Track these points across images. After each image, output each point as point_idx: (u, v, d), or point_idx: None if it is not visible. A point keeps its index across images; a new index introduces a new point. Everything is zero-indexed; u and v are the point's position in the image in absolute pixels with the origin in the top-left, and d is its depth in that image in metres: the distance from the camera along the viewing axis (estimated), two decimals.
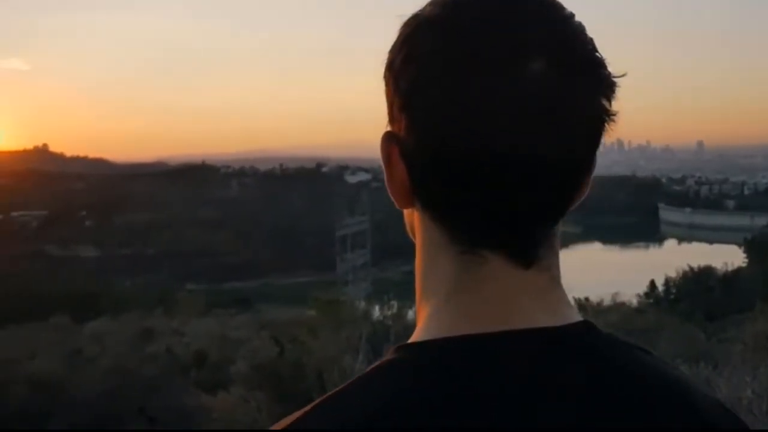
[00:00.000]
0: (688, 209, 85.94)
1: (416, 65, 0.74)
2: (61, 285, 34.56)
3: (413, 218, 0.80)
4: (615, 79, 0.76)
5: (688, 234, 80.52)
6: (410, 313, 12.25)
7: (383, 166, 0.78)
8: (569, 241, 69.64)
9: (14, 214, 66.56)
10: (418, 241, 0.80)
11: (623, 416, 0.72)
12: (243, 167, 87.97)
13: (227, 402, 8.48)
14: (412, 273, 0.81)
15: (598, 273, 45.64)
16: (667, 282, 37.74)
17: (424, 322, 0.77)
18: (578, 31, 0.75)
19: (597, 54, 0.75)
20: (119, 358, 12.28)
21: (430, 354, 0.72)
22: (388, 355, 0.74)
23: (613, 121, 0.76)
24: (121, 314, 20.38)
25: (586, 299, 17.39)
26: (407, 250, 0.83)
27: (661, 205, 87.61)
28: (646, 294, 35.49)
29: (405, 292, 18.45)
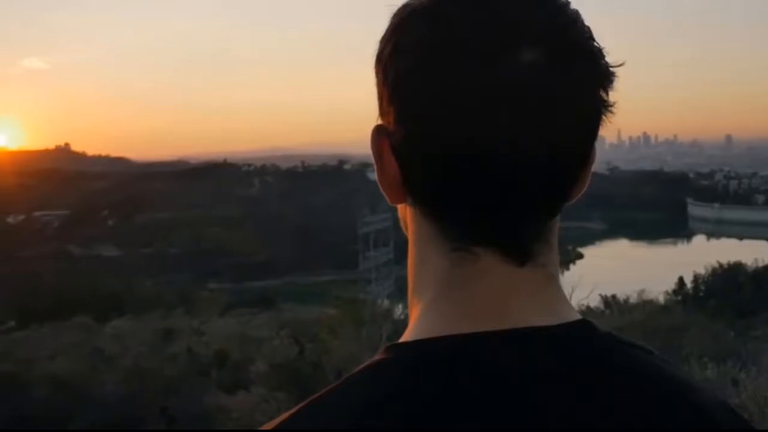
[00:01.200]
0: (716, 204, 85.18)
1: (404, 56, 0.72)
2: (83, 285, 34.82)
3: (406, 214, 0.79)
4: (612, 70, 0.74)
5: (716, 230, 79.81)
6: None
7: (374, 161, 0.77)
8: (595, 237, 69.39)
9: (36, 213, 67.15)
10: (410, 238, 0.79)
11: (621, 416, 0.70)
12: (264, 165, 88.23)
13: (247, 402, 8.52)
14: None
15: (625, 270, 45.39)
16: (696, 279, 37.40)
17: (415, 321, 0.75)
18: (573, 19, 0.73)
19: (594, 43, 0.73)
20: (140, 358, 12.36)
21: (419, 354, 0.71)
22: (378, 355, 0.72)
23: (611, 112, 0.74)
24: (143, 314, 20.51)
25: (613, 297, 17.28)
26: None
27: (689, 201, 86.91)
28: (675, 291, 35.21)
29: None
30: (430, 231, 0.75)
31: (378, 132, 0.75)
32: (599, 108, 0.73)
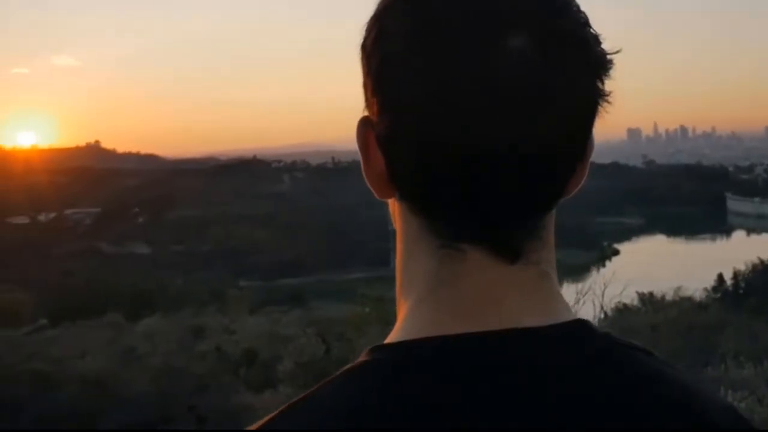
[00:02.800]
0: (757, 199, 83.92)
1: (387, 44, 0.70)
2: (114, 283, 35.17)
3: (395, 209, 0.77)
4: (609, 57, 0.71)
5: (757, 225, 78.65)
6: None
7: (360, 154, 0.75)
8: (631, 233, 68.81)
9: (68, 212, 67.86)
10: (398, 234, 0.77)
11: (615, 419, 0.68)
12: (294, 161, 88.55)
13: (274, 401, 8.57)
14: None
15: (662, 267, 44.96)
16: (736, 276, 36.94)
17: (402, 321, 0.74)
18: (566, 4, 0.71)
19: (588, 29, 0.71)
20: (170, 357, 12.49)
21: (404, 356, 0.69)
22: (362, 356, 0.71)
23: (608, 102, 0.72)
24: (174, 312, 20.69)
25: (650, 294, 17.15)
26: None
27: (728, 195, 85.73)
28: (714, 288, 34.83)
29: None
30: (417, 227, 0.73)
31: (363, 124, 0.74)
32: (593, 98, 0.71)
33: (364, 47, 0.73)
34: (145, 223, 69.20)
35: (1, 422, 10.83)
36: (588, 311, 8.48)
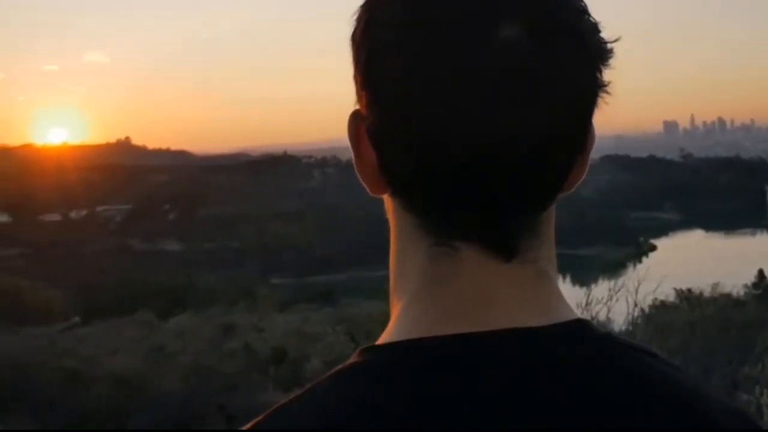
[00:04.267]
0: None
1: (375, 35, 0.69)
2: (145, 280, 35.48)
3: (388, 205, 0.76)
4: (608, 46, 0.70)
5: None
6: None
7: (351, 149, 0.74)
8: (669, 228, 68.16)
9: (99, 209, 68.49)
10: (392, 231, 0.75)
11: (613, 421, 0.66)
12: (325, 157, 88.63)
13: None
14: None
15: (701, 262, 44.50)
16: None
17: (394, 321, 0.73)
18: None
19: (586, 17, 0.69)
20: (199, 355, 12.60)
21: (395, 358, 0.68)
22: (352, 357, 0.70)
23: (607, 93, 0.70)
24: (205, 309, 20.84)
25: (688, 290, 17.00)
26: None
27: None
28: (754, 284, 34.44)
29: None
30: (410, 224, 0.72)
31: (354, 118, 0.73)
32: (591, 89, 0.69)
33: (354, 38, 0.71)
34: (175, 220, 69.69)
35: (33, 420, 10.99)
36: (621, 308, 8.41)
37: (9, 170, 69.18)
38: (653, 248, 59.46)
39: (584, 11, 0.69)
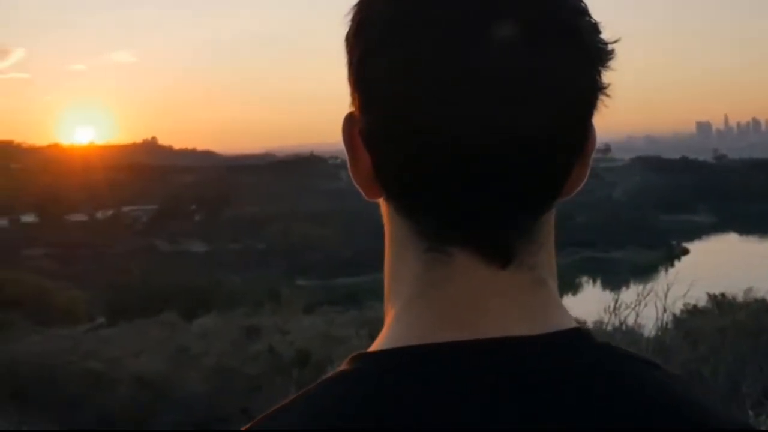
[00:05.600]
0: None
1: (367, 35, 0.68)
2: (171, 281, 35.68)
3: (384, 210, 0.75)
4: (608, 47, 0.68)
5: None
6: None
7: (346, 152, 0.73)
8: (702, 232, 67.55)
9: (125, 209, 68.99)
10: (386, 236, 0.75)
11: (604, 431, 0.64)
12: None
13: None
14: None
15: (735, 267, 44.05)
16: None
17: (387, 328, 0.72)
18: None
19: (584, 17, 0.68)
20: (223, 357, 12.66)
21: (385, 366, 0.67)
22: (343, 364, 0.69)
23: (606, 95, 0.69)
24: (230, 311, 20.93)
25: (722, 295, 16.87)
26: None
27: None
28: None
29: None
30: (404, 229, 0.71)
31: (349, 120, 0.72)
32: (590, 90, 0.68)
33: (347, 38, 0.70)
34: (201, 221, 70.07)
35: (57, 420, 11.10)
36: (651, 313, 8.36)
37: (36, 170, 69.90)
38: (686, 252, 58.93)
39: (584, 11, 0.68)
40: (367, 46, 0.67)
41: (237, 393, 10.99)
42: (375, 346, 0.71)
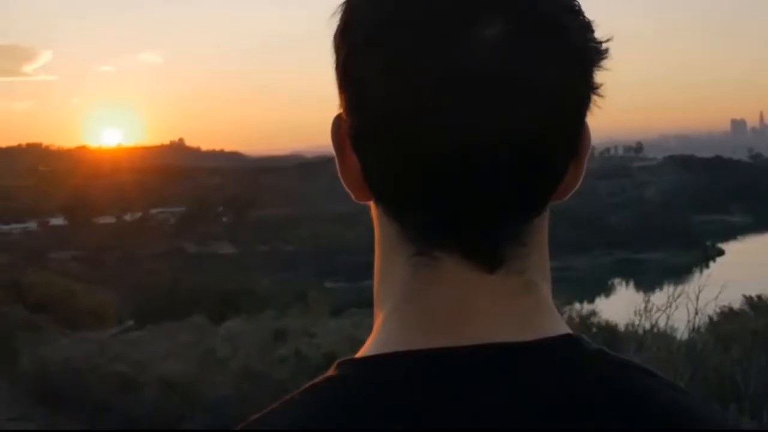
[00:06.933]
0: None
1: (351, 35, 0.67)
2: (198, 284, 35.89)
3: (373, 212, 0.75)
4: (600, 47, 0.68)
5: None
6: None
7: (335, 154, 0.73)
8: (737, 232, 66.89)
9: (153, 211, 69.47)
10: (376, 239, 0.75)
11: None
12: None
13: None
14: (561, 269, 0.77)
15: None
16: None
17: (374, 333, 0.72)
18: None
19: (575, 16, 0.67)
20: (250, 360, 12.71)
21: (369, 372, 0.67)
22: (330, 370, 0.69)
23: (598, 95, 0.68)
24: (258, 313, 20.99)
25: (758, 297, 16.72)
26: (554, 244, 0.76)
27: None
28: None
29: (554, 290, 18.25)
30: (393, 232, 0.71)
31: (337, 122, 0.72)
32: (580, 90, 0.67)
33: (334, 39, 0.70)
34: (229, 223, 70.39)
35: (85, 424, 11.22)
36: (683, 316, 8.31)
37: (64, 173, 70.60)
38: (721, 252, 58.38)
39: (574, 9, 0.67)
40: (352, 48, 0.67)
41: (264, 397, 11.04)
42: (363, 351, 0.70)
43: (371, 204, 0.74)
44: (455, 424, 0.63)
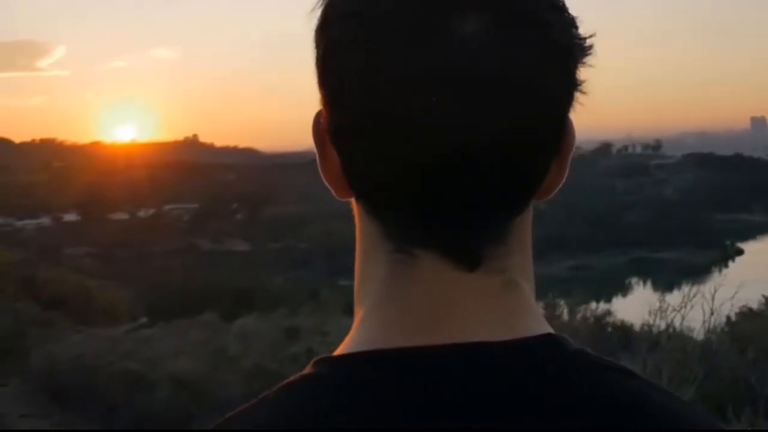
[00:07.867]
0: None
1: (329, 30, 0.67)
2: (211, 281, 35.96)
3: (354, 209, 0.75)
4: (584, 43, 0.67)
5: None
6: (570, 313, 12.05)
7: (316, 150, 0.73)
8: (757, 231, 66.52)
9: (166, 207, 69.67)
10: (357, 237, 0.75)
11: None
12: None
13: None
14: (578, 268, 0.76)
15: None
16: None
17: (353, 331, 0.72)
18: None
19: (558, 12, 0.66)
20: (262, 358, 12.75)
21: (345, 371, 0.67)
22: (307, 368, 0.69)
23: (582, 92, 0.68)
24: (271, 311, 21.01)
25: None
26: (571, 243, 0.72)
27: None
28: None
29: (570, 289, 18.22)
30: (373, 229, 0.71)
31: (318, 118, 0.72)
32: (562, 88, 0.67)
33: (315, 34, 0.70)
34: (242, 220, 70.50)
35: (97, 421, 11.27)
36: (698, 315, 8.27)
37: (78, 168, 70.89)
38: (740, 252, 58.04)
39: (557, 6, 0.67)
40: (330, 43, 0.67)
41: None
42: (340, 349, 0.70)
43: (352, 201, 0.74)
44: (432, 424, 0.63)
